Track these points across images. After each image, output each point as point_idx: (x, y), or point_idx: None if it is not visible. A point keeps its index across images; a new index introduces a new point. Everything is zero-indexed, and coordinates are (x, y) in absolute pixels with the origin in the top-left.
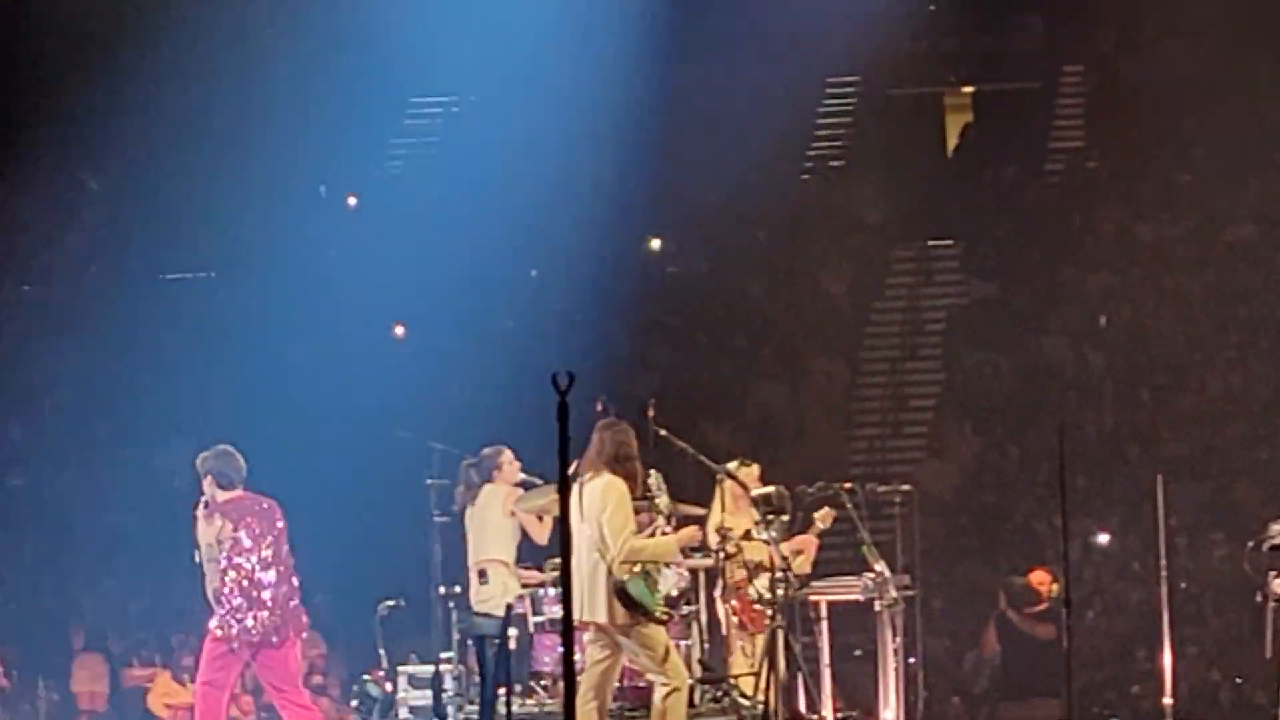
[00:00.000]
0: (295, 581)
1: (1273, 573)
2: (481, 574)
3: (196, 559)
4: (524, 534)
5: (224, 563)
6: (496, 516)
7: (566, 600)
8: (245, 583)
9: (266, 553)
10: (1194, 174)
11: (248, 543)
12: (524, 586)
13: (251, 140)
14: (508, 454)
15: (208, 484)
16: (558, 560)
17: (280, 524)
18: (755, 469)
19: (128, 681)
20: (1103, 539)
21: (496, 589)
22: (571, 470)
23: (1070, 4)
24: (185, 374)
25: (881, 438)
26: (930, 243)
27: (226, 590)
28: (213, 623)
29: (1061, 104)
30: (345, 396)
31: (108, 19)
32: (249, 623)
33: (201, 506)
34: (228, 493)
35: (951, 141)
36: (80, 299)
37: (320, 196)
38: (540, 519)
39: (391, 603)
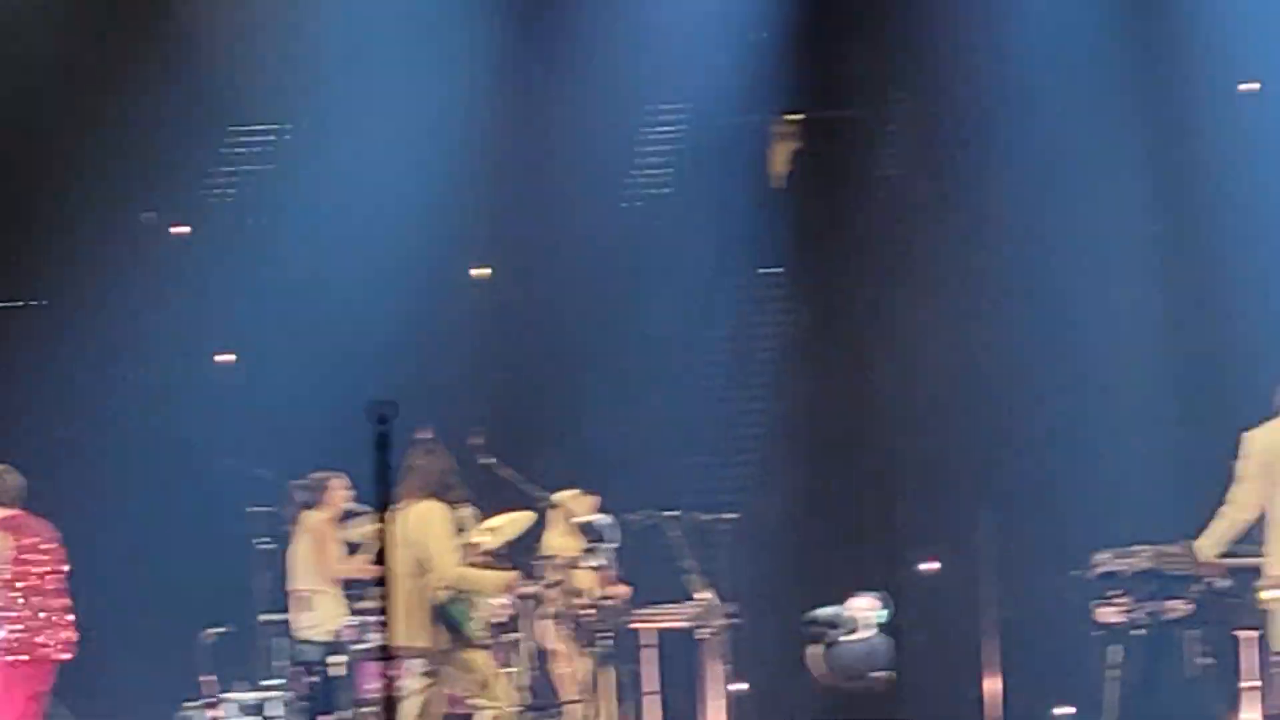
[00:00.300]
0: (69, 601)
1: (1098, 602)
2: (305, 601)
3: None
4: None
5: (7, 579)
6: (320, 543)
7: (388, 627)
8: (35, 599)
9: (60, 569)
10: (1023, 202)
11: (34, 558)
12: (349, 614)
13: (79, 166)
14: (336, 480)
15: None
16: (380, 588)
17: (56, 544)
18: (592, 500)
19: None
20: (930, 568)
21: (320, 616)
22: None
23: (899, 32)
24: (6, 402)
25: (709, 466)
26: (759, 271)
27: (16, 608)
28: None
29: (890, 132)
30: (171, 425)
31: None
32: (41, 639)
33: None
34: (6, 510)
35: (780, 169)
36: None
37: (148, 224)
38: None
39: (216, 630)
